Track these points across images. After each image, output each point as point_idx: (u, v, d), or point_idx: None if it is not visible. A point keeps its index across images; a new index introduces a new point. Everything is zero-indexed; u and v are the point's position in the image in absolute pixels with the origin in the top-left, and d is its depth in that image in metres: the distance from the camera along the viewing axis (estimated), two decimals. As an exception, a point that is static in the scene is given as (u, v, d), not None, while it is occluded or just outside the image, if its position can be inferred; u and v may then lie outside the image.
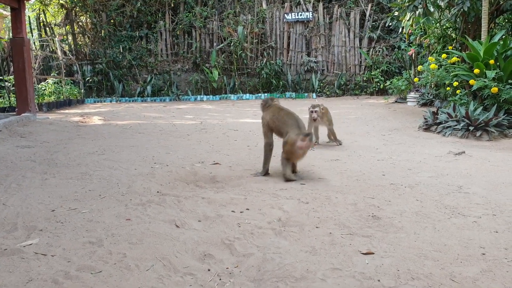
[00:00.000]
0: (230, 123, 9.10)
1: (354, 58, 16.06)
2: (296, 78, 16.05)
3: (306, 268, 2.50)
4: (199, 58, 16.28)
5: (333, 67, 16.26)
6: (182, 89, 16.17)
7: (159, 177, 4.55)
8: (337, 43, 16.17)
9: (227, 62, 16.17)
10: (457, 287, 2.27)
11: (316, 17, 16.26)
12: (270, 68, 15.83)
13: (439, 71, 7.70)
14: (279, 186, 4.19)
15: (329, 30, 16.35)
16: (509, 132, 6.70)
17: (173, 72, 16.40)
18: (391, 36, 15.82)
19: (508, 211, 3.38)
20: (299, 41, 16.39)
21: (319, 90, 15.84)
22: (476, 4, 8.24)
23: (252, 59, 16.28)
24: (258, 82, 16.10)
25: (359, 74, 15.89)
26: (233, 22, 16.28)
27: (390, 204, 3.58)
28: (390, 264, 2.52)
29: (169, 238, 2.94)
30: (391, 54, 15.52)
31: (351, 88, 15.76)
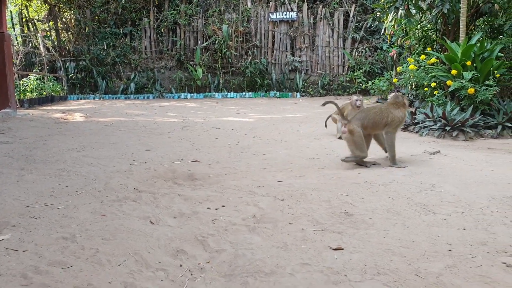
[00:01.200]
0: (213, 121, 9.12)
1: (337, 58, 16.18)
2: (280, 78, 16.12)
3: (276, 263, 2.54)
4: (184, 55, 16.25)
5: (317, 67, 16.36)
6: (166, 87, 16.13)
7: (137, 174, 4.56)
8: (321, 43, 16.27)
9: (212, 60, 16.17)
10: (421, 282, 2.33)
11: (301, 17, 16.34)
12: (254, 67, 15.87)
13: (418, 72, 7.82)
14: (256, 184, 4.23)
15: (313, 30, 16.45)
16: (484, 133, 6.85)
17: (157, 69, 16.35)
18: (374, 37, 15.98)
19: (477, 209, 3.46)
20: (284, 41, 16.46)
21: (303, 90, 15.93)
22: (456, 6, 8.38)
23: (236, 58, 16.31)
24: (242, 80, 16.13)
25: (342, 74, 16.01)
26: (217, 20, 16.28)
27: (363, 201, 3.64)
28: (358, 260, 2.58)
29: (142, 234, 2.96)
30: (373, 55, 15.68)
31: (334, 88, 15.88)
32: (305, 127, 8.29)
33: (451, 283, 2.31)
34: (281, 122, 8.97)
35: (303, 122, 8.99)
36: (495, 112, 7.13)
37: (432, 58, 7.97)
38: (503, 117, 6.95)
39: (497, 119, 6.96)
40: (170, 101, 14.62)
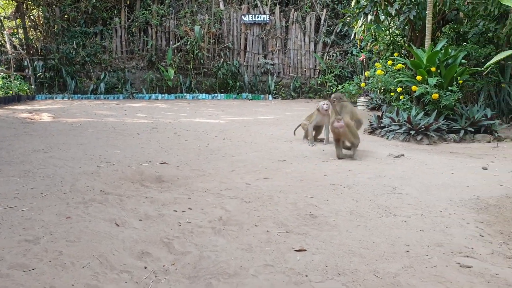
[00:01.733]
0: (183, 123, 9.11)
1: (309, 62, 16.36)
2: (252, 80, 16.19)
3: (240, 265, 2.59)
4: (155, 56, 16.13)
5: (289, 70, 16.50)
6: (137, 87, 15.98)
7: (104, 176, 4.53)
8: (293, 46, 16.43)
9: (183, 61, 16.11)
10: (379, 282, 2.42)
11: (273, 20, 16.46)
12: (227, 68, 15.89)
13: (384, 77, 8.01)
14: (224, 186, 4.27)
15: (285, 34, 16.59)
16: (448, 137, 7.07)
17: (128, 69, 16.19)
18: (344, 42, 16.23)
19: (436, 211, 3.59)
20: (256, 43, 16.54)
21: (275, 92, 16.04)
22: (422, 13, 8.61)
23: (209, 59, 16.30)
24: (214, 82, 16.12)
25: (314, 77, 16.20)
26: (190, 21, 16.24)
27: (328, 204, 3.73)
28: (320, 261, 2.65)
29: (108, 236, 2.96)
30: (344, 59, 15.92)
31: (305, 91, 16.05)
32: (276, 130, 8.37)
33: (407, 283, 2.41)
34: (252, 124, 9.03)
35: (274, 125, 9.07)
36: (458, 117, 7.37)
37: (398, 64, 8.17)
38: (466, 122, 7.19)
39: (460, 124, 7.19)
40: (140, 101, 14.49)
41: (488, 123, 7.18)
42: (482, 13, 8.96)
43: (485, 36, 8.95)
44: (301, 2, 16.95)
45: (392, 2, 8.92)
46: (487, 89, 8.61)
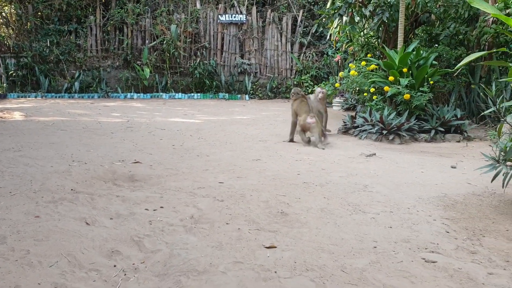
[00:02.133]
0: (158, 122, 9.05)
1: (285, 62, 16.43)
2: (229, 79, 16.17)
3: (210, 262, 2.60)
4: (130, 55, 15.96)
5: (266, 70, 16.54)
6: (112, 86, 15.78)
7: (75, 175, 4.48)
8: (269, 46, 16.47)
9: (160, 60, 15.98)
10: (345, 277, 2.47)
11: (250, 20, 16.47)
12: (203, 68, 15.82)
13: (358, 77, 8.12)
14: (197, 185, 4.28)
15: (262, 34, 16.63)
16: (419, 136, 7.21)
17: (103, 68, 15.97)
18: (320, 43, 16.35)
19: (404, 208, 3.68)
20: (233, 43, 16.53)
21: (252, 92, 16.06)
22: (395, 15, 8.76)
23: (185, 58, 16.21)
24: (191, 81, 16.04)
25: (290, 78, 16.28)
26: (166, 20, 16.12)
27: (300, 201, 3.78)
28: (289, 257, 2.69)
29: (77, 235, 2.94)
30: (320, 60, 16.04)
31: (282, 91, 16.11)
32: (252, 129, 8.39)
33: (373, 278, 2.46)
34: (228, 124, 9.03)
35: (250, 124, 9.09)
36: (429, 117, 7.52)
37: (372, 65, 8.29)
38: (436, 122, 7.34)
39: (430, 123, 7.34)
40: (115, 101, 14.33)
41: (458, 123, 7.35)
42: (453, 16, 9.17)
43: (456, 38, 9.16)
44: (278, 3, 17.02)
45: (366, 3, 9.04)
46: (457, 90, 8.80)
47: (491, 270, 2.55)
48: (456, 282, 2.42)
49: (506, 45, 8.59)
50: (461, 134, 7.36)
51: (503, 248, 2.87)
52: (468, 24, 9.07)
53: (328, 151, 6.19)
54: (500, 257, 2.74)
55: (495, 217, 3.47)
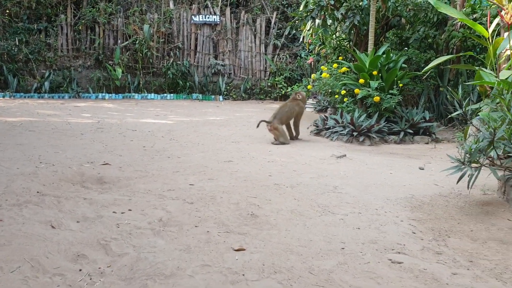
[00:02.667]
0: (130, 123, 8.94)
1: (259, 63, 16.46)
2: (203, 80, 16.10)
3: (177, 266, 2.58)
4: (102, 55, 15.72)
5: (240, 71, 16.54)
6: (83, 87, 15.51)
7: (42, 177, 4.38)
8: (243, 48, 16.48)
9: (132, 60, 15.79)
10: (313, 279, 2.48)
11: (224, 21, 16.45)
12: (176, 68, 15.71)
13: (330, 79, 8.20)
14: (167, 187, 4.23)
15: (236, 35, 16.62)
16: (388, 138, 7.33)
17: (74, 68, 15.67)
18: (294, 45, 16.45)
19: (373, 209, 3.72)
20: (207, 44, 16.47)
21: (226, 93, 16.03)
22: (366, 18, 8.89)
23: (158, 59, 16.06)
24: (164, 82, 15.90)
25: (264, 79, 16.32)
26: (139, 20, 15.95)
27: (270, 203, 3.78)
28: (257, 259, 2.69)
29: (41, 239, 2.87)
30: (293, 62, 16.13)
31: (256, 93, 16.13)
32: (224, 130, 8.37)
33: (340, 279, 2.49)
34: (200, 125, 8.99)
35: (222, 125, 9.07)
36: (398, 119, 7.66)
37: (343, 67, 8.39)
38: (405, 124, 7.48)
39: (400, 125, 7.48)
40: (86, 101, 14.09)
41: (427, 125, 7.50)
42: (423, 20, 9.36)
43: (425, 42, 9.34)
44: (252, 4, 17.05)
45: (338, 7, 9.15)
46: (426, 93, 8.98)
47: (455, 270, 2.61)
48: (421, 282, 2.46)
49: (473, 49, 8.82)
50: (430, 136, 7.51)
51: (467, 249, 2.94)
52: (437, 28, 9.27)
53: (300, 153, 6.23)
54: (464, 257, 2.80)
55: (461, 218, 3.55)
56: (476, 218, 3.53)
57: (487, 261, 2.74)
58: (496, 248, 2.93)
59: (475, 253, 2.87)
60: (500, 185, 3.97)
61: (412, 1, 9.12)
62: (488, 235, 3.16)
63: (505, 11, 4.79)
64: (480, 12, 8.29)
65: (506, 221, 3.42)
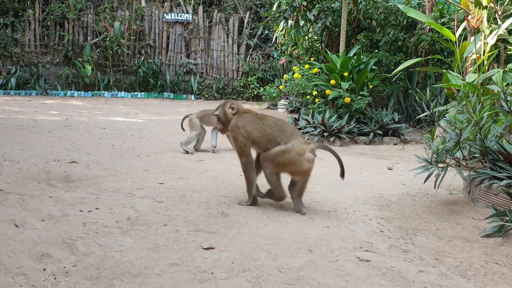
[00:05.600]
0: (99, 121, 8.78)
1: (232, 63, 16.44)
2: (174, 79, 15.97)
3: (145, 265, 2.54)
4: (71, 51, 15.40)
5: (212, 71, 16.48)
6: (51, 83, 15.16)
7: (6, 174, 4.24)
8: (216, 47, 16.43)
9: (102, 57, 15.54)
10: (282, 277, 2.48)
11: (196, 19, 16.36)
12: (148, 66, 15.54)
13: (302, 80, 8.25)
14: (136, 186, 4.17)
15: (208, 34, 16.56)
16: (358, 139, 7.43)
17: (42, 64, 15.30)
18: (266, 45, 16.50)
19: (342, 208, 3.76)
20: (179, 42, 16.35)
21: (198, 93, 15.95)
22: (338, 20, 8.98)
23: (129, 56, 15.85)
24: (135, 80, 15.71)
25: (237, 79, 16.31)
26: (109, 17, 15.70)
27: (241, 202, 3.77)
28: (227, 258, 2.67)
29: (4, 237, 2.78)
30: (266, 62, 16.18)
31: (228, 93, 16.11)
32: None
33: (309, 277, 2.49)
34: (171, 124, 8.90)
35: (193, 125, 8.99)
36: (368, 120, 7.77)
37: (315, 68, 8.46)
38: (375, 125, 7.60)
39: (369, 126, 7.59)
40: (54, 98, 13.77)
41: (396, 127, 7.64)
42: (393, 23, 9.53)
43: (395, 45, 9.52)
44: (225, 4, 17.02)
45: (311, 8, 9.21)
46: (396, 95, 9.15)
47: (422, 268, 2.65)
48: (388, 280, 2.50)
49: (441, 52, 9.02)
50: (398, 137, 7.65)
51: (433, 247, 3.00)
52: (406, 31, 9.45)
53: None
54: (430, 255, 2.85)
55: (427, 217, 3.62)
56: (442, 217, 3.61)
57: (452, 258, 2.80)
58: (461, 246, 3.00)
59: (441, 251, 2.93)
60: (466, 185, 4.07)
61: (382, 5, 9.27)
62: (453, 234, 3.24)
63: (471, 16, 4.91)
64: (448, 16, 8.50)
65: (470, 220, 3.50)
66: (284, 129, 3.64)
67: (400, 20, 9.26)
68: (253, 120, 3.70)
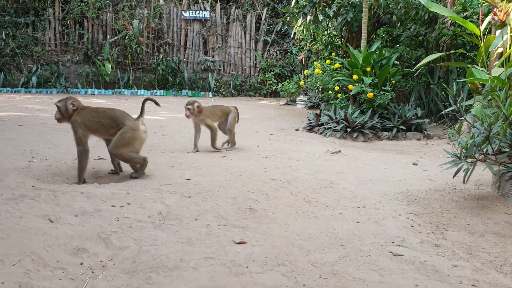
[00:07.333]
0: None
1: (249, 60, 16.44)
2: (192, 76, 16.04)
3: (180, 258, 2.57)
4: (91, 50, 15.57)
5: (229, 68, 16.50)
6: (72, 82, 15.35)
7: (36, 171, 4.33)
8: (233, 44, 16.44)
9: (121, 55, 15.67)
10: (316, 271, 2.49)
11: (214, 16, 16.39)
12: (166, 64, 15.63)
13: (323, 75, 8.22)
14: (164, 181, 4.21)
15: (226, 31, 16.58)
16: (381, 134, 7.38)
17: (62, 63, 15.50)
18: (284, 41, 16.46)
19: (370, 204, 3.75)
20: (197, 40, 16.40)
21: (215, 90, 15.99)
22: (358, 16, 8.92)
23: (148, 54, 15.96)
24: (153, 78, 15.81)
25: (254, 76, 16.31)
26: (128, 15, 15.82)
27: (268, 198, 3.78)
28: (260, 252, 2.69)
29: (40, 233, 2.84)
30: (284, 58, 16.14)
31: (246, 89, 16.11)
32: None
33: (344, 271, 2.50)
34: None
35: (214, 121, 9.03)
36: (391, 115, 7.72)
37: (336, 63, 8.42)
38: (398, 120, 7.54)
39: (392, 122, 7.54)
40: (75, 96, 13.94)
41: (418, 122, 7.57)
42: (413, 18, 9.43)
43: (416, 40, 9.42)
44: (242, 0, 17.02)
45: (330, 3, 9.16)
46: (417, 90, 9.06)
47: (455, 263, 2.63)
48: (422, 274, 2.49)
49: (464, 46, 8.90)
50: (421, 133, 7.58)
51: (466, 242, 2.97)
52: (427, 25, 9.34)
53: (293, 149, 6.24)
54: (463, 250, 2.83)
55: (457, 212, 3.59)
56: (472, 212, 3.58)
57: (486, 253, 2.78)
58: (494, 241, 2.97)
59: (474, 246, 2.91)
60: (495, 179, 4.02)
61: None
62: (485, 229, 3.21)
63: (498, 9, 4.83)
64: (471, 10, 8.37)
65: (502, 214, 3.46)
66: (115, 115, 4.38)
67: (421, 15, 9.16)
68: (89, 114, 4.39)
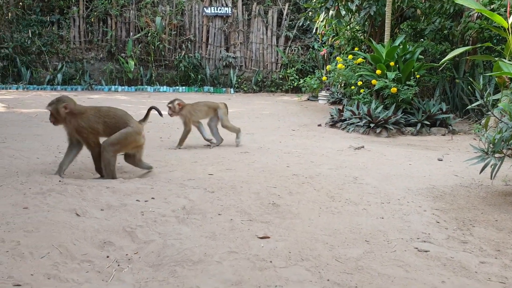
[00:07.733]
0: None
1: (271, 55, 16.40)
2: (214, 73, 16.09)
3: (204, 252, 2.59)
4: (115, 47, 15.76)
5: (251, 64, 16.50)
6: (96, 79, 15.58)
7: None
8: (255, 40, 16.43)
9: (144, 52, 15.82)
10: (341, 267, 2.48)
11: (235, 13, 16.40)
12: (188, 61, 15.72)
13: (345, 71, 8.15)
14: (187, 177, 4.24)
15: (247, 27, 16.57)
16: (405, 130, 7.28)
17: (86, 60, 15.74)
18: (306, 36, 16.37)
19: (395, 199, 3.71)
20: (218, 36, 16.44)
21: (237, 86, 16.01)
22: (382, 10, 8.80)
23: (170, 51, 16.07)
24: (176, 74, 15.92)
25: (276, 71, 16.27)
26: (151, 12, 15.95)
27: (290, 193, 3.78)
28: (283, 247, 2.69)
29: (68, 226, 2.89)
30: (305, 54, 16.05)
31: (267, 85, 16.09)
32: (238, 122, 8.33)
33: (368, 267, 2.48)
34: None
35: (235, 117, 9.04)
36: (415, 110, 7.60)
37: (359, 58, 8.33)
38: (422, 115, 7.43)
39: (417, 117, 7.42)
40: (99, 93, 14.14)
41: (443, 117, 7.44)
42: (438, 11, 9.25)
43: (441, 34, 9.24)
44: (264, -4, 16.98)
45: (353, -2, 9.07)
46: (442, 85, 8.90)
47: (483, 259, 2.59)
48: (449, 270, 2.45)
49: (490, 40, 8.69)
50: (446, 128, 7.45)
51: (493, 238, 2.92)
52: (453, 19, 9.16)
53: (316, 144, 6.21)
54: (491, 247, 2.78)
55: (484, 208, 3.52)
56: (500, 208, 3.51)
57: (515, 250, 2.72)
58: (523, 238, 2.91)
59: (502, 242, 2.85)
60: (524, 175, 3.93)
61: (427, -7, 9.02)
62: (513, 225, 3.14)
63: (527, 0, 4.71)
64: (498, 2, 8.17)
65: (531, 211, 3.39)
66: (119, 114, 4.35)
67: (446, 8, 8.98)
68: (93, 117, 4.18)
